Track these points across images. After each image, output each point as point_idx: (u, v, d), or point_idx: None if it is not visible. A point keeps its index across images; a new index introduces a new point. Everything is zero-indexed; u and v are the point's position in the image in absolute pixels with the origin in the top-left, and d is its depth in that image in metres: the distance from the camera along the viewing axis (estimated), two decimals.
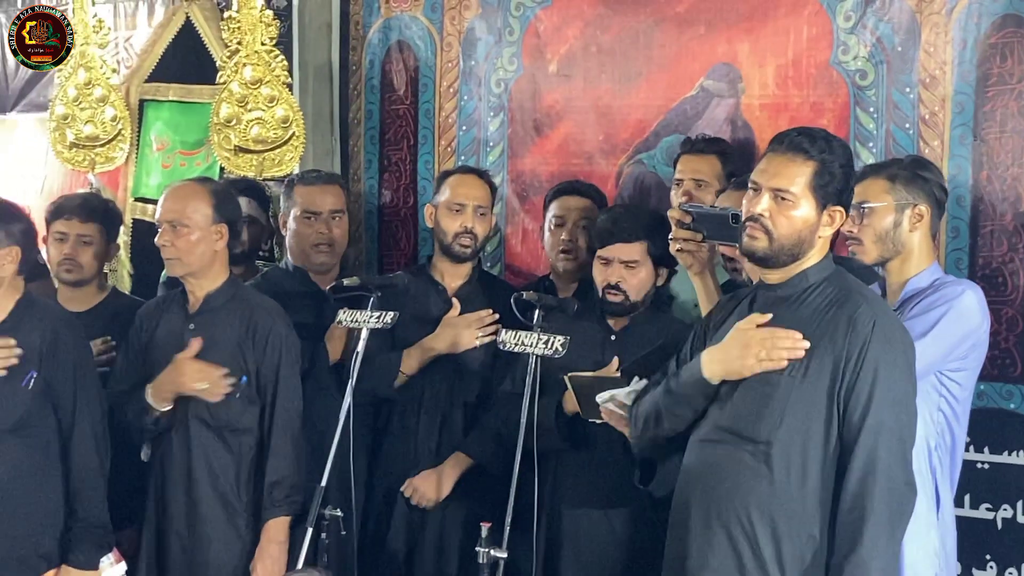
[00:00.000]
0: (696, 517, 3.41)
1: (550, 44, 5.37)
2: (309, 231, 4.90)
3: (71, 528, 4.24)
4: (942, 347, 3.68)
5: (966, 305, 3.72)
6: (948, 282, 3.81)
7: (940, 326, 3.66)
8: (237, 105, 5.81)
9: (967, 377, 3.81)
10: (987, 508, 4.37)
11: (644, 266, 4.19)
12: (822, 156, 3.30)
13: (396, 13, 5.81)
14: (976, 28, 4.37)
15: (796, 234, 3.32)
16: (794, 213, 3.31)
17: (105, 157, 6.59)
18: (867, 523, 3.16)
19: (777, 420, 3.27)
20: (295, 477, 4.30)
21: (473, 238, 4.66)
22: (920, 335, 3.59)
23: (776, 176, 3.33)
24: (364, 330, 4.32)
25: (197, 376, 4.27)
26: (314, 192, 4.96)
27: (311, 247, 4.90)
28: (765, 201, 3.33)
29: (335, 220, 4.95)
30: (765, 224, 3.32)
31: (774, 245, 3.33)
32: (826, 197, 3.31)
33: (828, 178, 3.30)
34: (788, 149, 3.34)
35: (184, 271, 4.37)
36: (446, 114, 5.68)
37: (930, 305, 3.71)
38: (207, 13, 6.30)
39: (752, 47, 4.85)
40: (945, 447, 3.81)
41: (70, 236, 4.86)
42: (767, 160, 3.39)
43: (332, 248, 4.93)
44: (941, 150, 4.41)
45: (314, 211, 4.91)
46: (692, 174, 4.53)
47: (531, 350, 4.02)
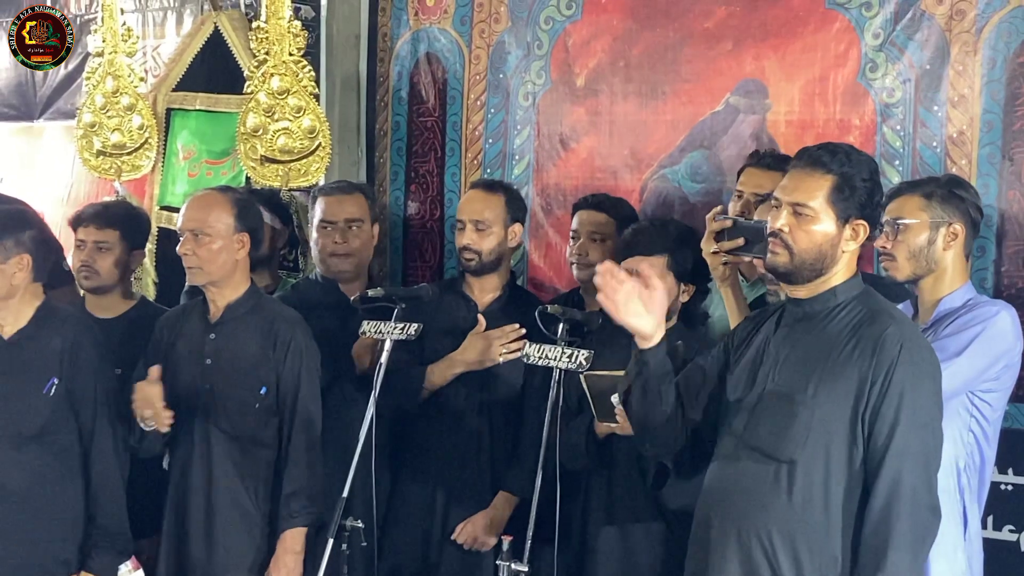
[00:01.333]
0: (717, 535, 3.39)
1: (578, 58, 5.37)
2: (326, 240, 4.90)
3: (90, 535, 4.28)
4: (976, 367, 3.66)
5: (1000, 326, 3.70)
6: (982, 302, 3.79)
7: (974, 346, 3.64)
8: (264, 115, 5.82)
9: (998, 398, 3.79)
10: (1010, 530, 4.36)
11: (665, 281, 4.15)
12: (842, 170, 3.28)
13: (425, 25, 5.82)
14: (1006, 47, 4.35)
15: (816, 248, 3.29)
16: (814, 227, 3.29)
17: (131, 165, 6.61)
18: (890, 547, 3.13)
19: (802, 439, 3.25)
20: (312, 488, 4.30)
21: (475, 253, 4.65)
22: (954, 354, 3.59)
23: (795, 191, 3.32)
24: (388, 341, 4.32)
25: (142, 405, 4.25)
26: (331, 202, 4.96)
27: (328, 256, 4.90)
28: (784, 216, 3.32)
29: (352, 229, 4.92)
30: (785, 239, 3.31)
31: (795, 260, 3.31)
32: (847, 211, 3.29)
33: (849, 192, 3.27)
34: (807, 164, 3.33)
35: (206, 280, 4.37)
36: (473, 127, 5.68)
37: (964, 325, 3.69)
38: (235, 23, 6.33)
39: (779, 63, 4.84)
40: (974, 467, 3.78)
41: (88, 243, 4.86)
42: (788, 175, 3.37)
43: (350, 257, 4.91)
44: (969, 169, 4.39)
45: (330, 220, 4.91)
46: (754, 188, 4.38)
47: (555, 363, 4.00)
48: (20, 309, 4.28)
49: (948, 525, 3.57)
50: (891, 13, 4.58)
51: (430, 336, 4.53)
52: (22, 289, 4.25)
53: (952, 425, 3.63)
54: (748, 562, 3.31)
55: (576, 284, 4.90)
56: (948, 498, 3.63)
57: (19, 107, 7.62)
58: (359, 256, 4.96)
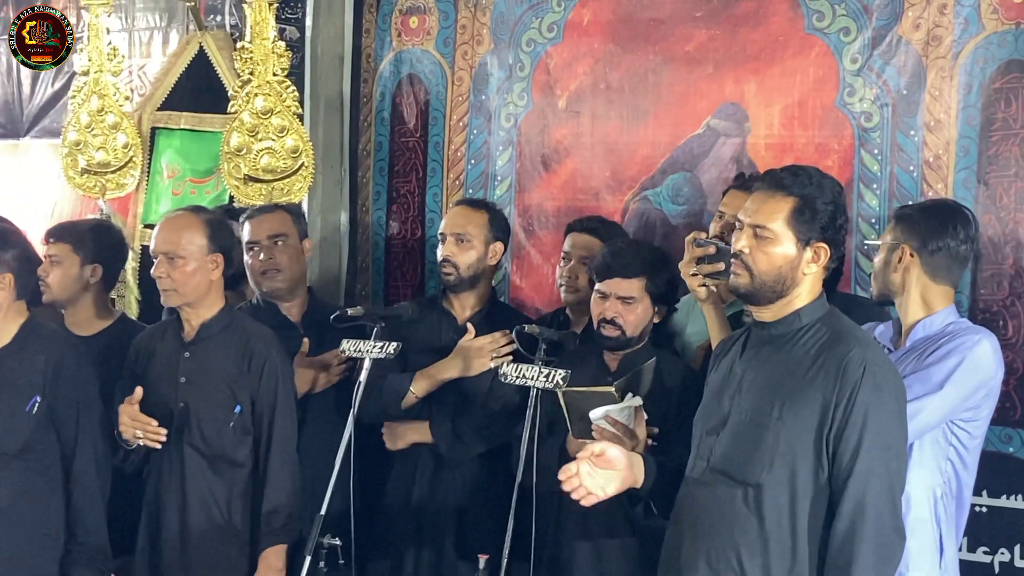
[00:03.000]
0: (687, 558, 3.39)
1: (560, 80, 5.41)
2: (254, 260, 4.88)
3: (70, 552, 4.26)
4: (958, 396, 3.63)
5: (981, 354, 3.66)
6: (964, 329, 3.74)
7: (956, 375, 3.61)
8: (248, 134, 5.84)
9: (979, 427, 3.76)
10: (984, 551, 4.38)
11: (642, 302, 4.18)
12: (804, 192, 3.28)
13: (408, 47, 5.85)
14: (981, 72, 4.40)
15: (776, 270, 3.30)
16: (773, 249, 3.29)
17: (116, 184, 6.61)
18: (855, 568, 3.13)
19: (767, 462, 3.25)
20: (292, 505, 4.30)
21: (453, 267, 4.64)
22: (937, 385, 3.58)
23: (756, 212, 3.32)
24: (367, 360, 4.34)
25: (130, 425, 4.26)
26: (253, 223, 4.95)
27: (259, 275, 4.88)
28: (745, 238, 3.33)
29: (278, 245, 4.89)
30: (745, 261, 3.32)
31: (755, 282, 3.31)
32: (808, 233, 3.28)
33: (810, 214, 3.27)
34: (770, 185, 3.33)
35: (180, 301, 4.36)
36: (455, 147, 5.71)
37: (946, 354, 3.64)
38: (220, 43, 6.35)
39: (759, 87, 4.89)
40: (951, 495, 3.75)
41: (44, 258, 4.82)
42: (752, 197, 3.38)
43: (280, 272, 4.88)
44: (945, 193, 4.43)
45: (254, 240, 4.89)
46: (736, 210, 4.35)
47: (532, 383, 4.01)
48: (3, 327, 4.27)
49: (924, 553, 3.60)
50: (869, 38, 4.63)
51: (412, 353, 4.55)
52: (5, 307, 4.25)
53: (930, 455, 3.65)
54: None
55: (560, 304, 4.91)
56: (924, 527, 3.64)
57: (5, 125, 7.62)
58: (289, 271, 4.91)
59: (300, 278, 5.02)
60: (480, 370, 4.55)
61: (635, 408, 3.87)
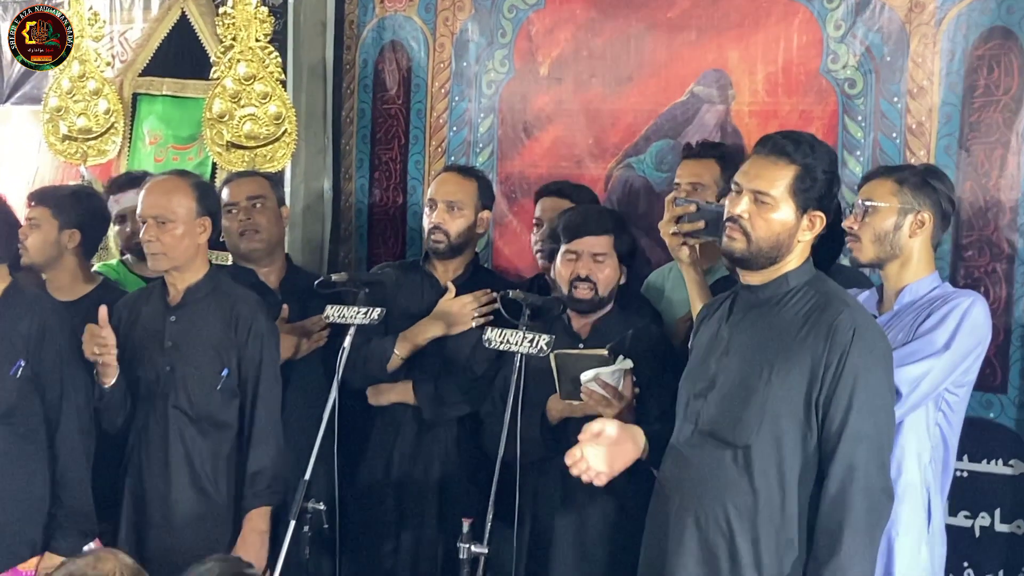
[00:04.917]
0: (675, 519, 3.42)
1: (542, 47, 5.39)
2: (232, 222, 4.90)
3: (55, 516, 4.25)
4: (960, 357, 3.65)
5: (976, 317, 3.68)
6: (952, 293, 3.76)
7: (959, 336, 3.63)
8: (230, 101, 5.83)
9: (966, 391, 3.79)
10: (965, 516, 4.41)
11: (611, 260, 4.22)
12: (805, 160, 3.30)
13: (390, 13, 5.83)
14: (964, 39, 4.40)
15: (774, 237, 3.32)
16: (773, 216, 3.31)
17: (97, 150, 6.60)
18: (846, 530, 3.16)
19: (756, 424, 3.28)
20: (277, 468, 4.31)
21: (444, 234, 4.66)
22: (944, 346, 3.60)
23: (757, 178, 3.34)
24: (352, 326, 4.34)
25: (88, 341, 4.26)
26: (231, 186, 4.99)
27: (238, 237, 4.91)
28: (745, 203, 3.34)
29: (256, 207, 4.92)
30: (743, 225, 3.34)
31: (752, 247, 3.34)
32: (807, 202, 3.32)
33: (810, 183, 3.30)
34: (771, 152, 3.34)
35: (169, 265, 4.35)
36: (437, 114, 5.70)
37: (944, 316, 3.66)
38: (202, 8, 6.33)
39: (743, 54, 4.88)
40: (939, 460, 3.77)
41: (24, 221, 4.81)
42: (750, 162, 3.40)
43: (258, 234, 4.91)
44: (927, 159, 4.43)
45: (232, 202, 4.92)
46: (690, 178, 4.47)
47: (516, 348, 4.01)
48: None
49: (913, 519, 3.62)
50: (852, 5, 4.62)
51: (394, 317, 4.55)
52: None
53: (920, 422, 3.67)
54: (706, 545, 3.35)
55: (540, 270, 4.92)
56: (913, 492, 3.67)
57: None
58: (267, 232, 4.94)
59: (278, 242, 5.05)
60: (462, 328, 4.58)
61: (624, 371, 3.90)
